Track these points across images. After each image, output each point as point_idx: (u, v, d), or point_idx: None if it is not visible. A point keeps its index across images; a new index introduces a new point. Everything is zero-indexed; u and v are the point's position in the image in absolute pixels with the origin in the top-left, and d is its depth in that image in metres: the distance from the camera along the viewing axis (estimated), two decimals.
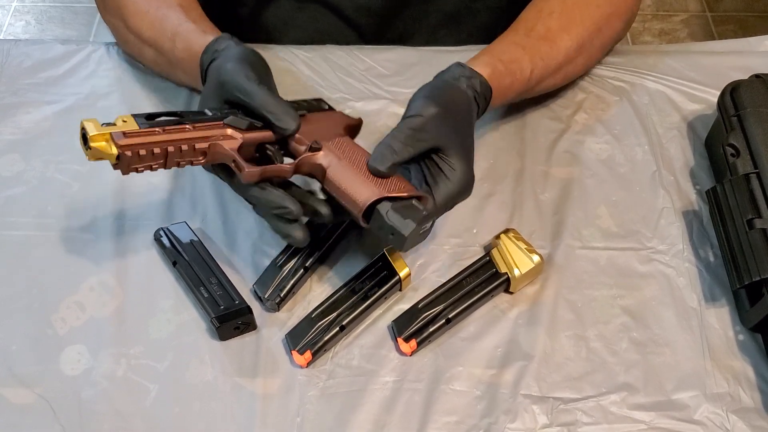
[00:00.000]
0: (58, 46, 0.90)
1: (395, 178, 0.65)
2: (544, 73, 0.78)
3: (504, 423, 0.64)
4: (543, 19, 0.79)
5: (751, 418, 0.64)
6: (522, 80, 0.76)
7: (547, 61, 0.78)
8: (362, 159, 0.65)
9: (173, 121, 0.62)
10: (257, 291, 0.70)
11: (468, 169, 0.67)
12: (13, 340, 0.68)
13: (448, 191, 0.66)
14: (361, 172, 0.64)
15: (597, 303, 0.70)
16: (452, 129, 0.67)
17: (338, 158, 0.65)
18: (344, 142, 0.67)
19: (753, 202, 0.69)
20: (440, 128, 0.66)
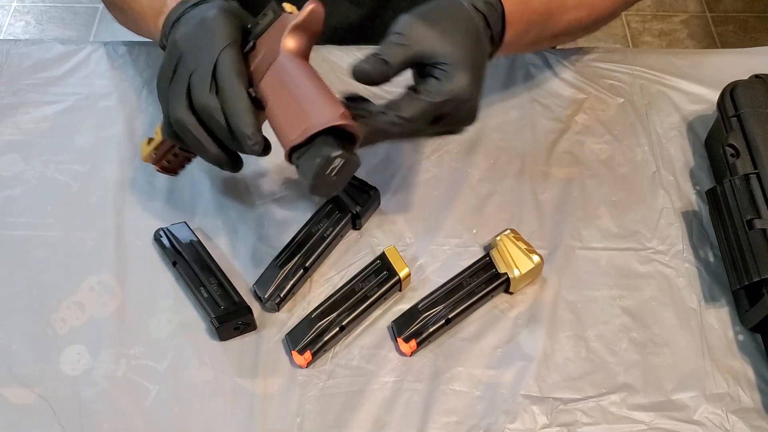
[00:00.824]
0: (58, 46, 0.90)
1: (331, 99, 0.58)
2: (566, 0, 0.73)
3: (504, 423, 0.64)
4: None
5: (751, 419, 0.64)
6: (541, 1, 0.71)
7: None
8: (306, 81, 0.59)
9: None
10: (257, 291, 0.70)
11: (467, 77, 0.60)
12: (13, 340, 0.68)
13: (438, 90, 0.60)
14: (289, 108, 0.58)
15: (597, 303, 0.70)
16: (445, 35, 0.61)
17: (271, 95, 0.59)
18: (276, 68, 0.60)
19: (753, 203, 0.69)
20: (428, 34, 0.61)
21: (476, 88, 0.63)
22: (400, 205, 0.77)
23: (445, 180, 0.79)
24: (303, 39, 0.61)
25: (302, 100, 0.58)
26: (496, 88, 0.86)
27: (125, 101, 0.85)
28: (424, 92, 0.61)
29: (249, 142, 0.59)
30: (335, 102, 0.58)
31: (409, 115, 0.61)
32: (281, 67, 0.60)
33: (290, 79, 0.59)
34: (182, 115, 0.61)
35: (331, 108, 0.57)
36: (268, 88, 0.60)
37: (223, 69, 0.60)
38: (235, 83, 0.59)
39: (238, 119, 0.59)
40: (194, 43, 0.62)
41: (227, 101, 0.59)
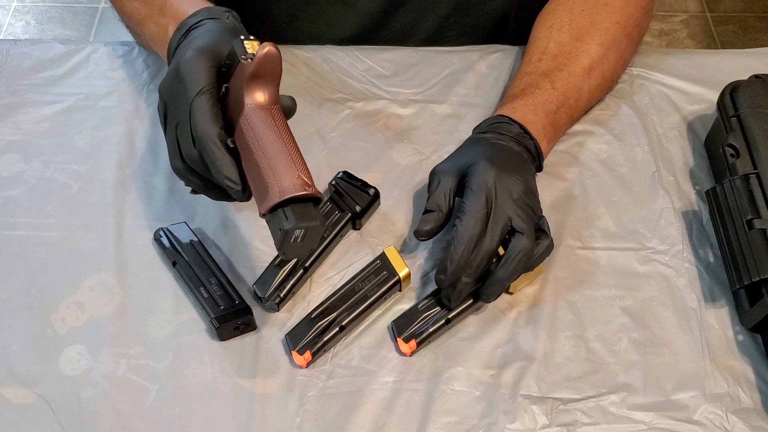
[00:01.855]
0: (58, 46, 0.90)
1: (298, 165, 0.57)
2: (572, 80, 0.79)
3: (503, 423, 0.64)
4: (553, 36, 0.81)
5: (751, 419, 0.64)
6: (545, 94, 0.77)
7: (567, 69, 0.79)
8: (267, 142, 0.57)
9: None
10: (257, 291, 0.70)
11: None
12: (13, 340, 0.68)
13: (461, 227, 0.65)
14: (264, 162, 0.57)
15: (597, 303, 0.70)
16: (467, 154, 0.69)
17: (243, 150, 0.58)
18: (243, 125, 0.58)
19: (752, 203, 0.69)
20: (452, 163, 0.69)
21: (515, 172, 0.68)
22: (400, 205, 0.77)
23: None
24: (265, 86, 0.58)
25: (263, 166, 0.57)
26: (497, 89, 0.86)
27: (125, 101, 0.85)
28: (465, 193, 0.67)
29: (231, 191, 0.59)
30: (294, 167, 0.57)
31: (468, 208, 0.66)
32: (246, 123, 0.58)
33: (253, 140, 0.58)
34: (178, 165, 0.62)
35: (289, 176, 0.56)
36: (239, 143, 0.59)
37: (195, 121, 0.58)
38: (208, 135, 0.58)
39: (216, 170, 0.58)
40: (172, 92, 0.61)
41: (204, 154, 0.59)
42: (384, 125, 0.83)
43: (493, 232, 0.65)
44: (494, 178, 0.66)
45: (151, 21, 0.75)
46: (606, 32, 0.81)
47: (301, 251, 0.58)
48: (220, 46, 0.62)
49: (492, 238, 0.65)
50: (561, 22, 0.82)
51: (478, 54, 0.89)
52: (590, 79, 0.80)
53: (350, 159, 0.80)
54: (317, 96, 0.85)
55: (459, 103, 0.85)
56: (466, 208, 0.65)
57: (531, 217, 0.67)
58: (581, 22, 0.81)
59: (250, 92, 0.58)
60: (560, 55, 0.79)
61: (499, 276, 0.65)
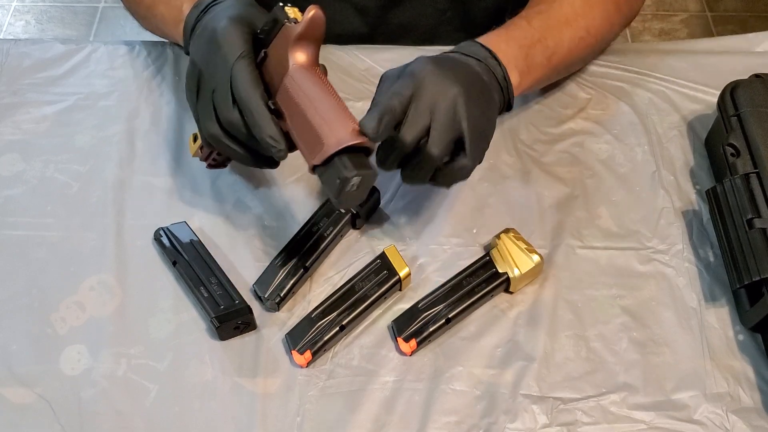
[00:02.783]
0: (58, 45, 0.90)
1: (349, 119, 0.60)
2: (550, 22, 0.76)
3: (504, 423, 0.64)
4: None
5: (751, 418, 0.64)
6: (521, 28, 0.74)
7: (547, 13, 0.76)
8: (306, 105, 0.60)
9: None
10: (257, 291, 0.70)
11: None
12: (13, 340, 0.68)
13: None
14: (305, 128, 0.60)
15: (597, 303, 0.70)
16: (449, 81, 0.64)
17: (288, 112, 0.61)
18: (288, 84, 0.61)
19: (753, 202, 0.69)
20: (432, 79, 0.63)
21: (453, 82, 0.64)
22: (400, 205, 0.77)
23: None
24: (308, 48, 0.62)
25: (315, 120, 0.59)
26: None
27: (125, 101, 0.85)
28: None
29: (274, 150, 0.61)
30: (347, 119, 0.60)
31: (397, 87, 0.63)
32: (292, 82, 0.61)
33: (302, 97, 0.60)
34: (214, 131, 0.64)
35: (344, 127, 0.59)
36: (283, 102, 0.61)
37: (237, 84, 0.61)
38: (251, 97, 0.61)
39: (260, 131, 0.61)
40: (209, 59, 0.64)
41: (247, 116, 0.61)
42: None
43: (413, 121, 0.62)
44: (428, 72, 0.63)
45: (162, 3, 0.77)
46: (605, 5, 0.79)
47: (356, 200, 0.62)
48: (252, 15, 0.65)
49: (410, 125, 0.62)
50: None
51: None
52: (572, 29, 0.77)
53: None
54: None
55: None
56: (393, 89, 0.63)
57: (447, 128, 0.63)
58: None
59: (296, 53, 0.61)
60: (541, 3, 0.77)
61: (402, 143, 0.62)
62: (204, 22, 0.67)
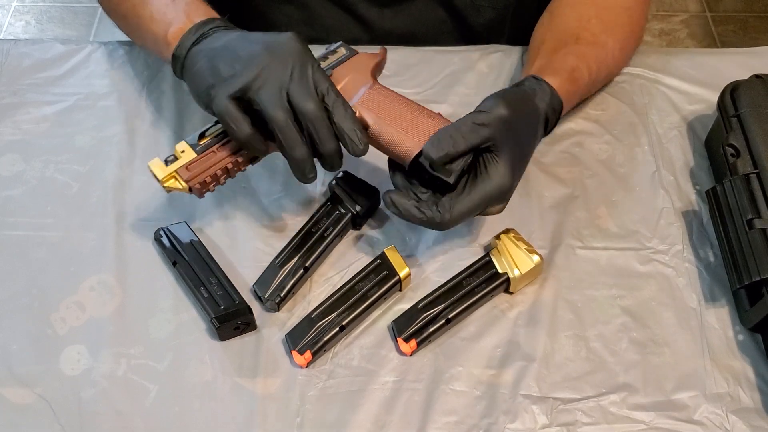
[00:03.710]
0: (58, 45, 0.90)
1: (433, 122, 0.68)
2: (598, 77, 0.81)
3: (504, 423, 0.64)
4: (584, 25, 0.81)
5: (751, 418, 0.64)
6: (583, 86, 0.78)
7: (598, 64, 0.80)
8: (397, 106, 0.69)
9: (221, 133, 0.67)
10: (257, 291, 0.70)
11: (511, 174, 0.66)
12: (13, 340, 0.68)
13: (484, 189, 0.65)
14: (401, 124, 0.67)
15: (597, 303, 0.70)
16: (513, 133, 0.67)
17: (377, 115, 0.68)
18: (375, 93, 0.70)
19: (753, 202, 0.69)
20: (501, 129, 0.66)
21: (511, 187, 0.67)
22: None
23: None
24: (378, 73, 0.73)
25: (414, 118, 0.68)
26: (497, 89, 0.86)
27: (125, 101, 0.85)
28: (475, 185, 0.66)
29: (358, 140, 0.65)
30: (424, 128, 0.68)
31: (458, 214, 0.65)
32: (380, 94, 0.70)
33: (395, 103, 0.69)
34: (281, 115, 0.64)
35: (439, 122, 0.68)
36: (369, 111, 0.68)
37: (324, 84, 0.65)
38: (341, 96, 0.66)
39: (352, 123, 0.65)
40: (282, 57, 0.66)
41: (336, 110, 0.65)
42: None
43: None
44: (505, 192, 0.66)
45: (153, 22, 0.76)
46: (622, 30, 0.82)
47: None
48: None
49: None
50: (588, 14, 0.82)
51: (478, 54, 0.89)
52: (606, 78, 0.82)
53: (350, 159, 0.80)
54: None
55: (459, 103, 0.85)
56: (470, 202, 0.65)
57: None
58: (606, 15, 0.82)
59: (376, 74, 0.72)
60: (596, 45, 0.80)
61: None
62: (233, 36, 0.69)
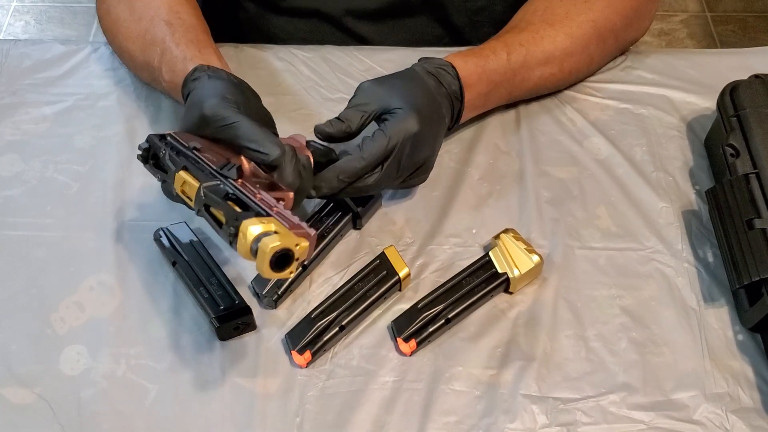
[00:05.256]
0: (57, 46, 0.90)
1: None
2: (528, 59, 0.78)
3: (503, 423, 0.64)
4: (525, 17, 0.81)
5: (751, 418, 0.64)
6: (499, 63, 0.77)
7: (527, 46, 0.78)
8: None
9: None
10: (255, 287, 0.70)
11: (418, 117, 0.68)
12: (12, 340, 0.68)
13: (391, 128, 0.68)
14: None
15: (596, 303, 0.70)
16: (396, 89, 0.70)
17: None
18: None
19: (752, 202, 0.69)
20: (382, 92, 0.70)
21: (429, 133, 0.70)
22: (400, 205, 0.77)
23: (445, 180, 0.79)
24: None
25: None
26: None
27: (125, 101, 0.85)
28: (378, 132, 0.69)
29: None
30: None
31: (368, 153, 0.68)
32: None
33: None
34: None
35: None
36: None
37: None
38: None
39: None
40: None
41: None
42: None
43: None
44: (409, 136, 0.68)
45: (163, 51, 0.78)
46: (578, 26, 0.80)
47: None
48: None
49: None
50: (536, 7, 0.82)
51: None
52: (545, 66, 0.80)
53: None
54: (317, 96, 0.85)
55: None
56: (373, 148, 0.68)
57: (398, 170, 0.70)
58: (556, 9, 0.81)
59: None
60: (526, 32, 0.79)
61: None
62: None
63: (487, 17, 0.94)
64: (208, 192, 0.58)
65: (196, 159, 0.61)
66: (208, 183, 0.59)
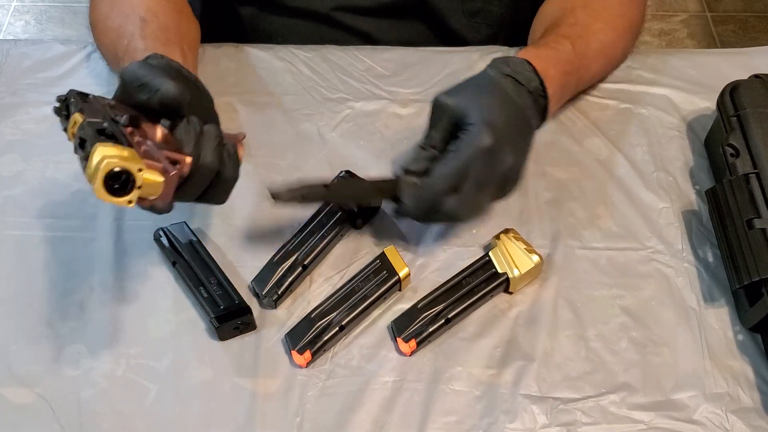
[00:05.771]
0: (57, 46, 0.90)
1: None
2: (588, 50, 0.78)
3: (503, 423, 0.64)
4: (567, 14, 0.81)
5: (751, 418, 0.64)
6: (566, 52, 0.75)
7: (585, 38, 0.78)
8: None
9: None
10: (255, 287, 0.70)
11: (492, 130, 0.64)
12: (12, 340, 0.68)
13: (462, 147, 0.64)
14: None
15: (596, 303, 0.70)
16: (470, 100, 0.66)
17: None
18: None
19: (752, 202, 0.69)
20: (454, 103, 0.66)
21: (507, 142, 0.65)
22: None
23: None
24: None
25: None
26: None
27: None
28: (449, 153, 0.65)
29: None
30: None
31: (440, 175, 0.64)
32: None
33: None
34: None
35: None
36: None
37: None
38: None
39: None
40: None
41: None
42: (384, 125, 0.83)
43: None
44: (485, 150, 0.64)
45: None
46: (616, 19, 0.81)
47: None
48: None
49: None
50: (574, 4, 0.82)
51: (478, 54, 0.89)
52: (600, 59, 0.80)
53: (350, 159, 0.80)
54: (317, 96, 0.85)
55: None
56: (442, 170, 0.65)
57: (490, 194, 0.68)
58: (594, 5, 0.81)
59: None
60: (577, 25, 0.79)
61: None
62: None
63: (484, 19, 0.93)
64: (86, 125, 0.53)
65: (100, 108, 0.57)
66: (91, 119, 0.54)
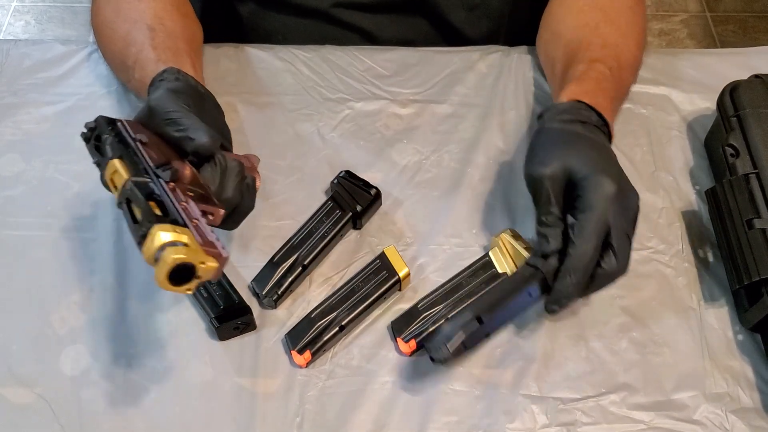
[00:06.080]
0: (58, 46, 0.90)
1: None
2: (619, 65, 0.76)
3: (503, 423, 0.64)
4: (591, 32, 0.79)
5: (751, 418, 0.64)
6: (603, 75, 0.73)
7: (616, 52, 0.77)
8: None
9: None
10: (255, 288, 0.70)
11: (608, 174, 0.62)
12: (12, 340, 0.68)
13: (590, 215, 0.61)
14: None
15: (596, 303, 0.70)
16: (567, 154, 0.64)
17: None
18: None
19: (752, 202, 0.69)
20: (554, 167, 0.63)
21: (623, 180, 0.64)
22: (400, 205, 0.77)
23: (445, 180, 0.79)
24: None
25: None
26: (497, 89, 0.86)
27: (125, 101, 0.85)
28: (579, 212, 0.62)
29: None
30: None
31: (585, 238, 0.61)
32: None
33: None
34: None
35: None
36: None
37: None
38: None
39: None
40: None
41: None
42: (384, 125, 0.83)
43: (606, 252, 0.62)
44: (613, 196, 0.62)
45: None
46: (635, 31, 0.81)
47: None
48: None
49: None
50: (596, 19, 0.80)
51: (478, 54, 0.89)
52: (630, 72, 0.79)
53: (350, 159, 0.80)
54: (317, 96, 0.85)
55: (459, 103, 0.85)
56: (585, 233, 0.61)
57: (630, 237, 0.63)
58: (616, 20, 0.80)
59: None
60: (608, 47, 0.77)
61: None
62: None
63: (483, 12, 0.93)
64: (134, 187, 0.55)
65: (136, 151, 0.59)
66: (136, 178, 0.56)
